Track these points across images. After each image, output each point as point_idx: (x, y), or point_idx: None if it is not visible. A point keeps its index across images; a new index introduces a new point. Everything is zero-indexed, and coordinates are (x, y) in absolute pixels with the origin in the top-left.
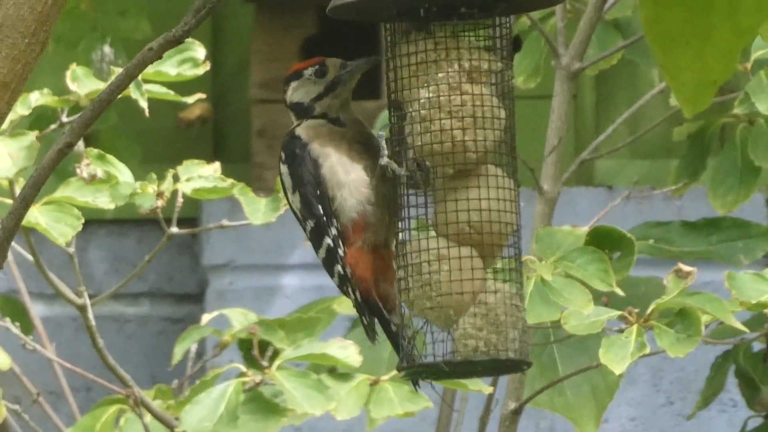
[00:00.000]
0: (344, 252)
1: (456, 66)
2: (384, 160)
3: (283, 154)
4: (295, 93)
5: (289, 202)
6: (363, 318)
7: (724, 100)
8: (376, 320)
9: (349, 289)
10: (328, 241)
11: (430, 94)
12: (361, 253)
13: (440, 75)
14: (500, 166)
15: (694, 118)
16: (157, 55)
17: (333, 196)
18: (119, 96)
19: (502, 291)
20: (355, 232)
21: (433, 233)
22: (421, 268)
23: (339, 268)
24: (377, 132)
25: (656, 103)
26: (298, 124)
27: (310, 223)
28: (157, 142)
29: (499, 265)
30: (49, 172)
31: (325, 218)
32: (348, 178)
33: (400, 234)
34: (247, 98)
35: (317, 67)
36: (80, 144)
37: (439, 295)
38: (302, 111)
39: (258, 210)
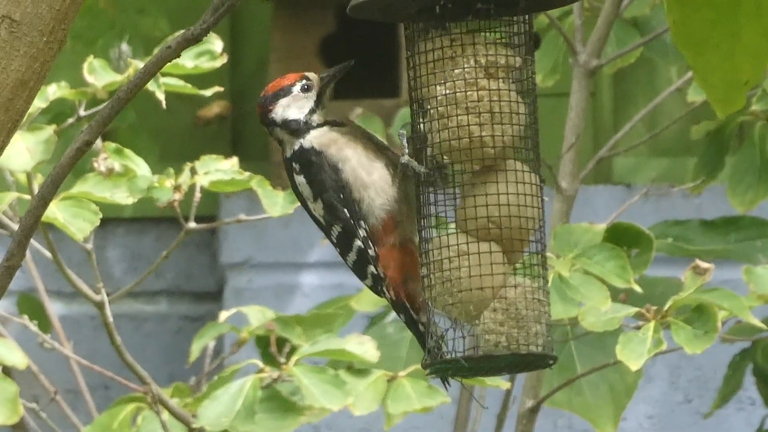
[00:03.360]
0: (375, 253)
1: (472, 62)
2: (404, 159)
3: (297, 165)
4: (287, 110)
5: (309, 212)
6: (401, 316)
7: None
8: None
9: (384, 290)
10: (358, 243)
11: (447, 91)
12: (391, 253)
13: (456, 71)
14: (523, 161)
15: (713, 116)
16: (176, 54)
17: (360, 198)
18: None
19: (522, 285)
20: (386, 232)
21: (453, 229)
22: (442, 264)
23: (372, 268)
24: (398, 130)
25: (674, 100)
26: (303, 138)
27: (337, 229)
28: (175, 140)
29: (522, 261)
30: (68, 170)
31: (352, 221)
32: (372, 179)
33: (423, 231)
34: None
35: (303, 82)
36: (98, 142)
37: (461, 291)
38: (296, 128)
39: (276, 203)
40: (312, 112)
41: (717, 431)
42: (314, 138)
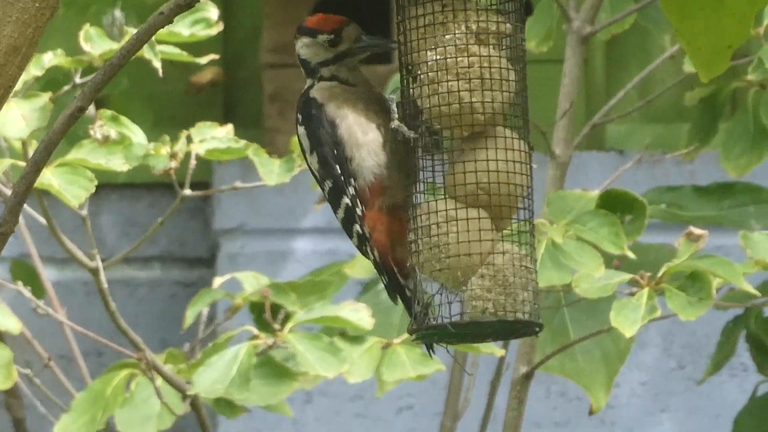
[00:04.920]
0: (362, 212)
1: (463, 27)
2: (395, 123)
3: (299, 116)
4: (304, 49)
5: (307, 164)
6: (383, 278)
7: (735, 64)
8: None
9: (368, 249)
10: (346, 200)
11: (438, 56)
12: (379, 216)
13: (447, 37)
14: (512, 128)
15: (707, 83)
16: (168, 20)
17: (351, 156)
18: (130, 60)
19: (510, 252)
20: (373, 195)
21: (442, 195)
22: (430, 230)
23: (357, 227)
24: (388, 95)
25: (667, 67)
26: (311, 86)
27: (329, 183)
28: (167, 106)
29: (511, 228)
30: (60, 136)
31: (342, 177)
32: (366, 139)
33: (412, 197)
34: (259, 63)
35: (332, 36)
36: (91, 108)
37: (448, 257)
38: (307, 69)
39: (272, 171)
40: (325, 63)
41: (710, 398)
42: (318, 89)
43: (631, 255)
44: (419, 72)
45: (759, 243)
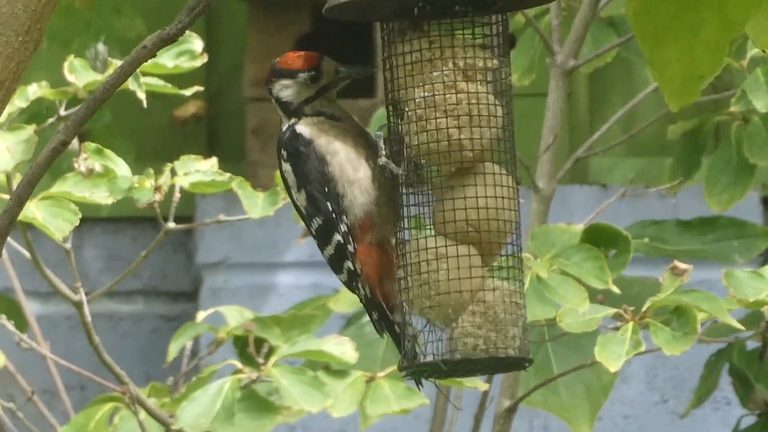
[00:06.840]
0: (354, 248)
1: (450, 64)
2: (382, 160)
3: (284, 152)
4: (284, 91)
5: (293, 200)
6: (371, 314)
7: (718, 98)
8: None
9: (359, 285)
10: (338, 237)
11: (426, 93)
12: (369, 251)
13: (435, 74)
14: (499, 163)
15: (690, 116)
16: (151, 54)
17: (343, 193)
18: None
19: (500, 289)
20: (363, 230)
21: (431, 232)
22: (420, 267)
23: (349, 264)
24: (375, 131)
25: (651, 100)
26: (296, 121)
27: (318, 221)
28: (151, 140)
29: (499, 263)
30: (44, 170)
31: (334, 215)
32: (357, 176)
33: (400, 233)
34: (242, 96)
35: (313, 72)
36: (75, 142)
37: (438, 294)
38: (289, 110)
39: (256, 204)
40: (308, 101)
41: (693, 431)
42: (306, 125)
43: (616, 290)
44: (407, 109)
45: (742, 281)
